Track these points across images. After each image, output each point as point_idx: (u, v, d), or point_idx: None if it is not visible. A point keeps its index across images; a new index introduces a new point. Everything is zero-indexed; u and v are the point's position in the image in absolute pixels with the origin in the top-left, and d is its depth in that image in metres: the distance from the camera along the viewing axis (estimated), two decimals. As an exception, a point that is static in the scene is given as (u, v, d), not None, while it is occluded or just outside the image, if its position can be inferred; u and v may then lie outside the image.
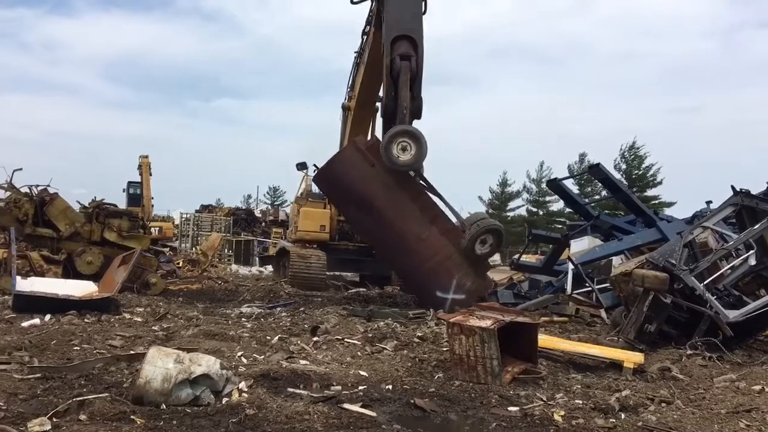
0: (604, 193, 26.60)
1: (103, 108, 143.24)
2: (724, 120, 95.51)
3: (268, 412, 4.98)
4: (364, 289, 16.52)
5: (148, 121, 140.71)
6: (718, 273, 9.18)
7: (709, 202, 12.93)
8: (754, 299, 8.89)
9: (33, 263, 12.81)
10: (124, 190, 36.41)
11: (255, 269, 24.19)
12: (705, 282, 8.71)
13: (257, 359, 7.13)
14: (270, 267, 22.24)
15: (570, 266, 13.06)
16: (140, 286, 13.16)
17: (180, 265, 19.37)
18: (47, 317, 9.19)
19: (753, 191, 9.50)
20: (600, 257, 13.27)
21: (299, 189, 19.04)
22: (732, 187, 9.48)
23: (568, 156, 76.06)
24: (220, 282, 17.50)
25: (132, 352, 6.85)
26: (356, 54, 15.45)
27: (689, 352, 8.02)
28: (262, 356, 7.31)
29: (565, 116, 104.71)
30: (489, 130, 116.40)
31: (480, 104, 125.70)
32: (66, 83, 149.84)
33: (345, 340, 8.41)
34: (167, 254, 21.39)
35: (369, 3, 13.60)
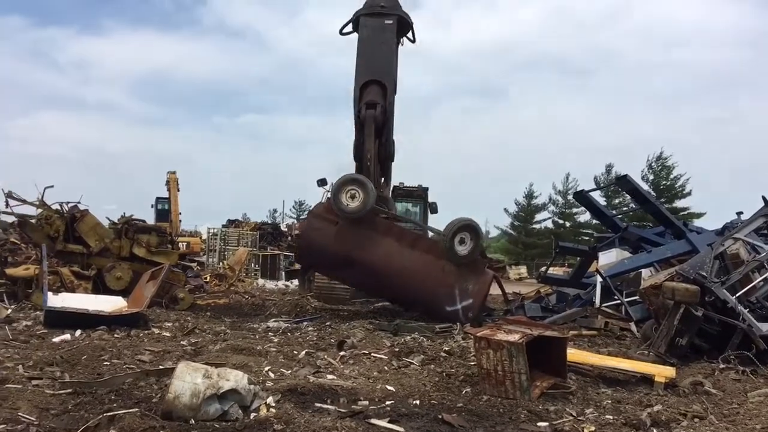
0: (632, 205, 26.28)
1: (132, 125, 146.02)
2: (755, 129, 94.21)
3: (296, 428, 4.98)
4: (390, 303, 16.45)
5: (176, 138, 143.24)
6: (751, 285, 9.07)
7: (740, 213, 12.69)
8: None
9: (64, 279, 12.99)
10: (153, 206, 36.90)
11: (281, 283, 24.17)
12: (737, 294, 8.60)
13: (284, 374, 7.14)
14: (296, 281, 22.27)
15: (598, 279, 12.93)
16: (169, 301, 13.28)
17: (207, 280, 19.48)
18: (78, 332, 9.33)
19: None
20: (629, 270, 13.10)
21: None
22: (763, 198, 9.37)
23: (594, 167, 75.34)
24: (247, 296, 17.57)
25: (161, 367, 6.90)
26: None
27: (722, 366, 7.89)
28: (289, 371, 7.33)
29: (591, 127, 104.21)
30: (515, 142, 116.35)
31: (507, 115, 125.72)
32: (96, 101, 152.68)
33: (372, 355, 8.40)
34: (195, 269, 21.55)
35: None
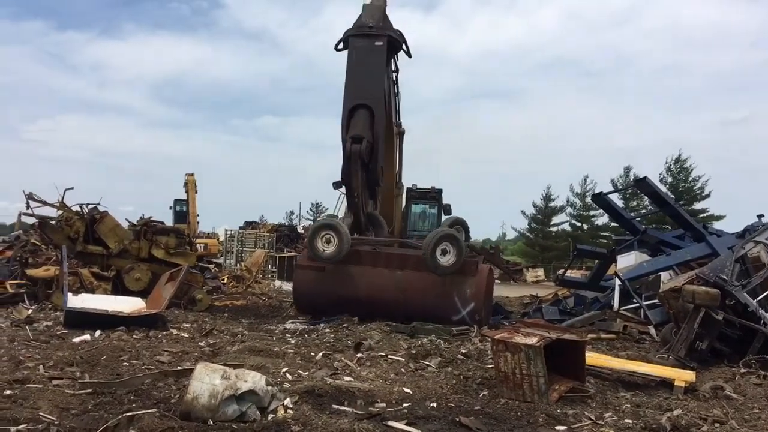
0: (651, 207, 26.05)
1: (150, 128, 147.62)
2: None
3: (313, 429, 5.00)
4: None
5: (193, 140, 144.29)
6: (772, 288, 8.93)
7: (761, 216, 12.54)
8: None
9: (83, 280, 13.14)
10: (171, 208, 37.21)
11: (298, 285, 24.25)
12: (758, 298, 8.49)
13: (302, 375, 7.16)
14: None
15: (617, 282, 12.84)
16: (187, 302, 13.39)
17: (225, 281, 19.59)
18: (97, 333, 9.43)
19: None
20: (648, 273, 12.99)
21: (336, 207, 19.15)
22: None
23: (612, 169, 74.77)
24: (264, 298, 17.66)
25: (180, 368, 6.95)
26: None
27: (743, 371, 7.82)
28: (307, 372, 7.35)
29: (609, 129, 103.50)
30: (532, 144, 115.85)
31: (524, 118, 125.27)
32: (115, 104, 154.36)
33: (389, 357, 8.40)
34: (212, 270, 21.69)
35: None
